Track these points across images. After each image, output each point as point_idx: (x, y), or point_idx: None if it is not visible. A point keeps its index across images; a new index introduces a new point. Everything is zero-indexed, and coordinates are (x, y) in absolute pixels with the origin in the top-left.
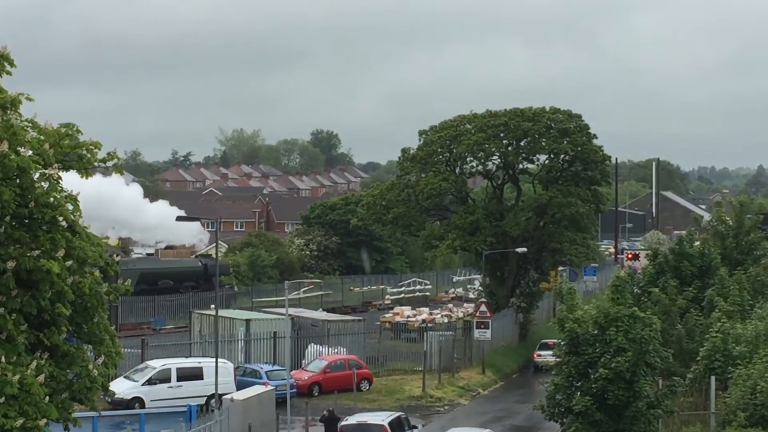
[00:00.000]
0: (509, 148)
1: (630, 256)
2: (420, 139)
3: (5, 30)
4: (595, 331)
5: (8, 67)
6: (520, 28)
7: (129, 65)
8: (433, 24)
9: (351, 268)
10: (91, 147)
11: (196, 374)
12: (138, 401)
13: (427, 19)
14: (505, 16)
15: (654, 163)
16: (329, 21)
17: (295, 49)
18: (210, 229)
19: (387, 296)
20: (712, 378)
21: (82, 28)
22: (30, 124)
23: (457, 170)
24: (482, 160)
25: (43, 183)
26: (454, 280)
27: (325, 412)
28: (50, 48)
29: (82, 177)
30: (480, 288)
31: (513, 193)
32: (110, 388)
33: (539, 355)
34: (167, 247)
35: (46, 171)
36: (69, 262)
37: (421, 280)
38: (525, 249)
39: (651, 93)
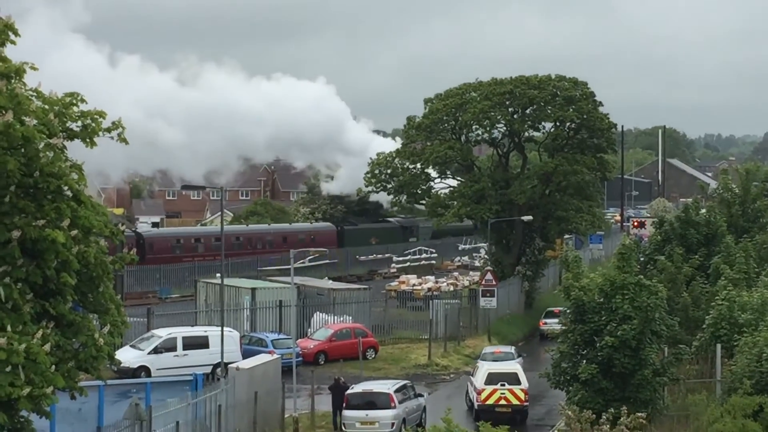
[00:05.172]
0: (515, 116)
1: (636, 224)
2: (425, 108)
3: None
4: (601, 299)
5: (12, 37)
6: None
7: (141, 34)
8: None
9: None
10: (95, 116)
11: (201, 343)
12: (144, 370)
13: None
14: None
15: (660, 131)
16: None
17: (310, 20)
18: (214, 197)
19: (393, 265)
20: (718, 346)
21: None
22: (35, 94)
23: (463, 138)
24: (488, 128)
25: (48, 152)
26: (459, 248)
27: (335, 380)
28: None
29: (86, 147)
30: (486, 256)
31: (519, 161)
32: (116, 357)
33: (545, 323)
34: (169, 216)
35: (51, 141)
36: (74, 232)
37: (426, 248)
38: (531, 217)
39: (661, 61)
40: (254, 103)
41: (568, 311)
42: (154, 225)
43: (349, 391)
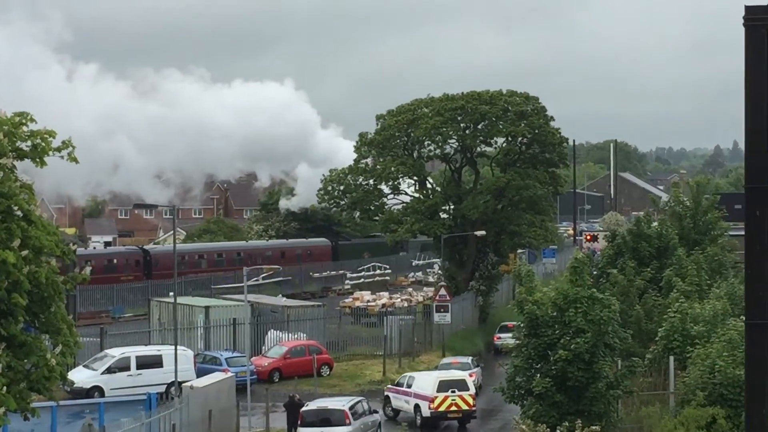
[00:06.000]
0: (467, 132)
1: (589, 237)
2: (377, 124)
3: None
4: (554, 313)
5: None
6: (495, 9)
7: (98, 52)
8: (405, 7)
9: None
10: (45, 136)
11: (155, 362)
12: (97, 390)
13: (398, 2)
14: None
15: (612, 145)
16: (303, 7)
17: (265, 36)
18: (168, 216)
19: (346, 281)
20: (671, 358)
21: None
22: None
23: (415, 154)
24: (440, 144)
25: None
26: (413, 264)
27: (290, 397)
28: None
29: (36, 166)
30: (439, 272)
31: (471, 176)
32: (69, 377)
33: (499, 338)
34: (122, 235)
35: (0, 161)
36: (25, 252)
37: (380, 264)
38: (484, 232)
39: (612, 75)
40: (220, 112)
41: (521, 325)
42: (107, 244)
43: (303, 409)
